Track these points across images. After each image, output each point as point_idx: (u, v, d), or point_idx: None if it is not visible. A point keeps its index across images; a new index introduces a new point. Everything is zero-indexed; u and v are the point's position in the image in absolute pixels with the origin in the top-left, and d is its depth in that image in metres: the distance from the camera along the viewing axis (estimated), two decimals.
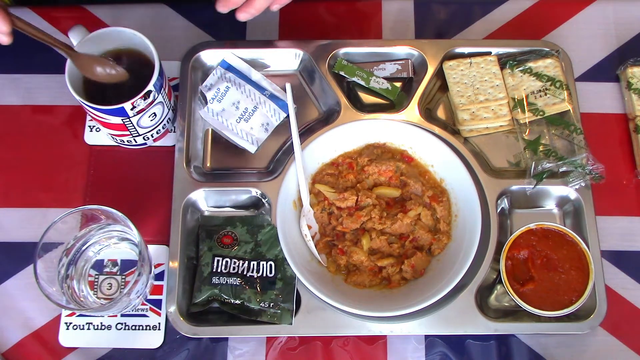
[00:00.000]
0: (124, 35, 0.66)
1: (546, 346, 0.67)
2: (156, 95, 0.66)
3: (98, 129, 0.74)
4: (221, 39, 0.78)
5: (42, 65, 0.77)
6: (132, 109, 0.65)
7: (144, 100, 0.65)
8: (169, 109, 0.71)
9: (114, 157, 0.74)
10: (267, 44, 0.76)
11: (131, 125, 0.68)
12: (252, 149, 0.73)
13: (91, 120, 0.75)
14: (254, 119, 0.73)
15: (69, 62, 0.64)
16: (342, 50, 0.76)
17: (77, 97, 0.63)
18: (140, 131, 0.69)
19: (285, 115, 0.74)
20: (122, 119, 0.66)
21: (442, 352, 0.67)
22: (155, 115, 0.68)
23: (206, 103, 0.74)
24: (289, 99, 0.74)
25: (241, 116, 0.73)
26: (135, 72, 0.67)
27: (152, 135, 0.72)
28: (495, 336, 0.67)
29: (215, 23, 0.79)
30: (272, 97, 0.74)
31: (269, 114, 0.73)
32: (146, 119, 0.68)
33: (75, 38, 0.66)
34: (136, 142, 0.72)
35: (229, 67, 0.75)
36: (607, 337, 0.67)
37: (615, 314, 0.67)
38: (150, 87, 0.64)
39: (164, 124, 0.72)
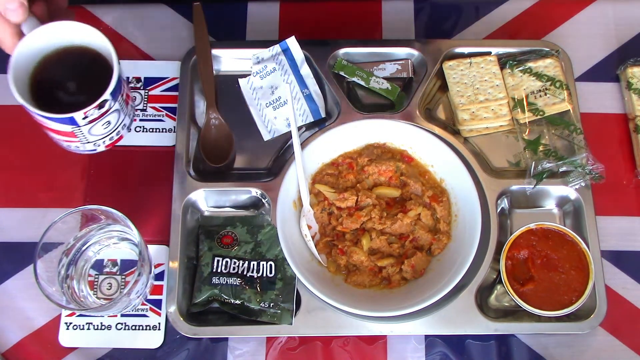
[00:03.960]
0: (81, 30, 0.60)
1: (546, 346, 0.67)
2: (112, 104, 0.59)
3: None
4: (221, 39, 0.78)
5: None
6: (83, 119, 0.58)
7: (98, 109, 0.58)
8: (125, 115, 0.64)
9: (114, 157, 0.74)
10: (267, 44, 0.76)
11: (81, 133, 0.61)
12: (266, 136, 0.74)
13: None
14: (281, 110, 0.74)
15: (13, 57, 0.57)
16: (342, 50, 0.76)
17: (21, 100, 0.57)
18: (91, 138, 0.63)
19: (312, 120, 0.74)
20: (71, 128, 0.59)
21: (442, 352, 0.67)
22: (110, 123, 0.62)
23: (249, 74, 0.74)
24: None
25: (272, 102, 0.74)
26: (90, 75, 0.61)
27: (103, 142, 0.65)
28: (495, 336, 0.67)
29: (215, 23, 0.79)
30: (308, 98, 0.74)
31: (298, 112, 0.73)
32: (99, 127, 0.61)
33: (27, 29, 0.58)
34: (85, 148, 0.65)
35: (286, 50, 0.75)
36: (607, 337, 0.67)
37: (615, 314, 0.67)
38: (106, 95, 0.57)
39: (119, 131, 0.64)
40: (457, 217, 0.69)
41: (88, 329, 0.67)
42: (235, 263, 0.67)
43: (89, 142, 0.64)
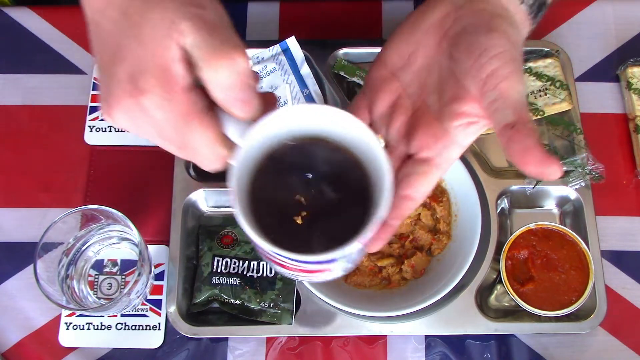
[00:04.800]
0: (321, 114, 0.41)
1: (546, 346, 0.67)
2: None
3: (98, 129, 0.74)
4: None
5: (42, 65, 0.77)
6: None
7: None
8: None
9: (114, 157, 0.74)
10: (267, 44, 0.76)
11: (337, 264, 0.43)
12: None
13: (92, 120, 0.74)
14: None
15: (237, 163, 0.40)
16: (342, 51, 0.76)
17: (260, 241, 0.38)
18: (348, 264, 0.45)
19: None
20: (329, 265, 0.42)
21: (442, 352, 0.67)
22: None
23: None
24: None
25: None
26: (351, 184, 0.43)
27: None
28: (495, 336, 0.67)
29: None
30: (309, 98, 0.74)
31: None
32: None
33: (235, 131, 0.40)
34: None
35: (286, 50, 0.75)
36: (607, 337, 0.67)
37: (615, 314, 0.67)
38: (381, 212, 0.39)
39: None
40: (457, 217, 0.69)
41: (88, 329, 0.67)
42: (235, 263, 0.67)
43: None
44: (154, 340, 0.67)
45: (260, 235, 0.38)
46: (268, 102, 0.41)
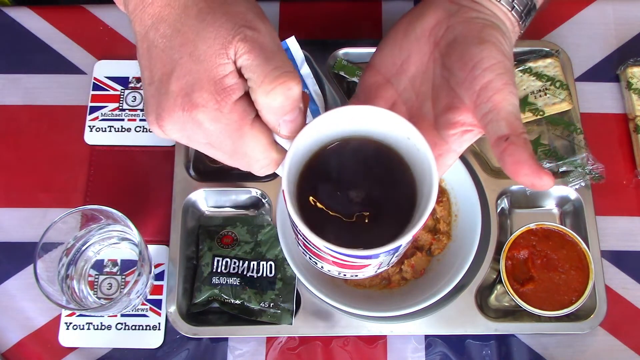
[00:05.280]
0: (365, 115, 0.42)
1: (546, 346, 0.67)
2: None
3: (98, 129, 0.74)
4: None
5: (42, 65, 0.77)
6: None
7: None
8: None
9: (114, 157, 0.74)
10: None
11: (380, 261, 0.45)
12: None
13: (92, 120, 0.75)
14: None
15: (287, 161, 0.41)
16: (342, 51, 0.76)
17: (309, 234, 0.40)
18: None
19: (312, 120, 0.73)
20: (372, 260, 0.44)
21: (442, 352, 0.67)
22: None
23: None
24: None
25: None
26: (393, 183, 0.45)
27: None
28: (495, 336, 0.67)
29: None
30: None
31: None
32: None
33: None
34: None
35: (286, 50, 0.73)
36: (607, 337, 0.67)
37: (615, 314, 0.67)
38: (430, 207, 0.41)
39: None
40: (457, 217, 0.69)
41: (88, 329, 0.67)
42: (235, 263, 0.67)
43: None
44: (154, 340, 0.67)
45: (313, 232, 0.40)
46: (304, 103, 0.43)
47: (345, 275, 0.50)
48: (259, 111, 0.40)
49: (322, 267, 0.48)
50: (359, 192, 0.45)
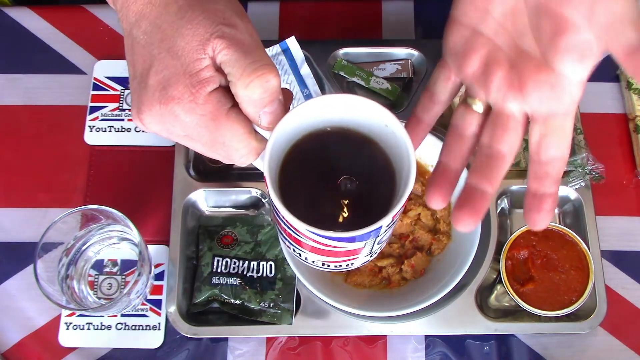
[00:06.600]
0: (347, 104, 0.43)
1: (546, 346, 0.67)
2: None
3: (98, 129, 0.74)
4: None
5: (42, 65, 0.77)
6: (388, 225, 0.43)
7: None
8: None
9: (114, 157, 0.74)
10: (267, 44, 0.76)
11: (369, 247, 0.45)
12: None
13: (92, 120, 0.75)
14: None
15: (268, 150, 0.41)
16: (342, 50, 0.76)
17: (290, 217, 0.40)
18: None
19: None
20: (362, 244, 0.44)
21: (442, 352, 0.67)
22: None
23: None
24: None
25: None
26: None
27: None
28: (495, 336, 0.67)
29: None
30: (309, 98, 0.73)
31: None
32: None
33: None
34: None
35: (286, 50, 0.74)
36: (607, 337, 0.67)
37: (615, 314, 0.67)
38: (407, 190, 0.41)
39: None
40: None
41: (88, 329, 0.67)
42: (235, 263, 0.67)
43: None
44: (154, 340, 0.67)
45: (295, 216, 0.40)
46: (285, 98, 0.43)
47: (329, 266, 0.50)
48: (239, 104, 0.41)
49: (305, 257, 0.48)
50: (340, 179, 0.46)
